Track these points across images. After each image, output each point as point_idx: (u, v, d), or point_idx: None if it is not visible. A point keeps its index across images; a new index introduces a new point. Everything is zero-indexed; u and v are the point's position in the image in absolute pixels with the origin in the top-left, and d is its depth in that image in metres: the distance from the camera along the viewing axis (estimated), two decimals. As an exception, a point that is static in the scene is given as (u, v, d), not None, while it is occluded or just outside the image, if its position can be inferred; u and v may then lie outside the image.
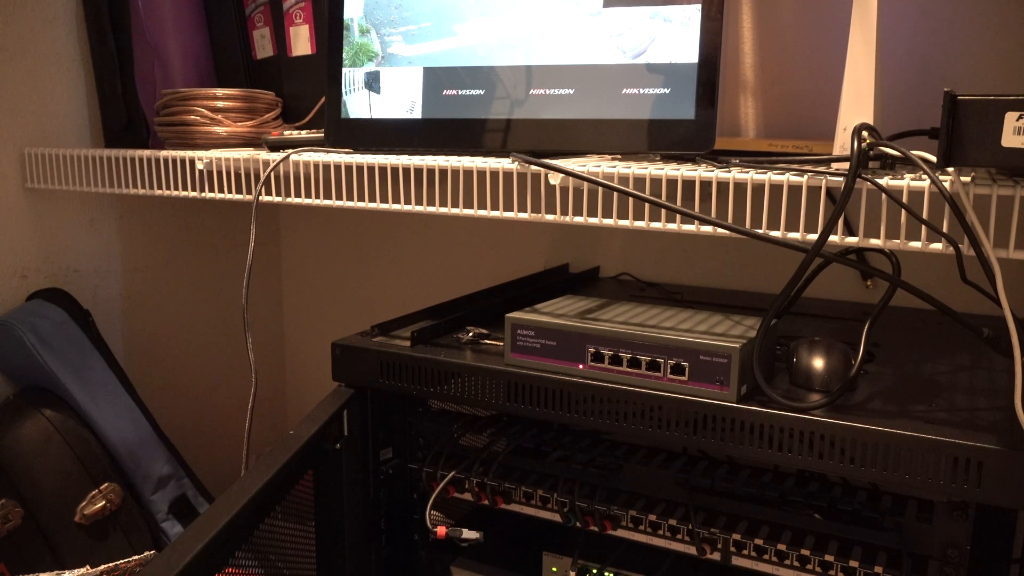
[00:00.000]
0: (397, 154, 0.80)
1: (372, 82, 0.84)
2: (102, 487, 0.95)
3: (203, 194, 0.89)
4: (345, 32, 0.85)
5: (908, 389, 0.68)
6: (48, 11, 1.03)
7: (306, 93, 1.00)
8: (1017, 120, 0.48)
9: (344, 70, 0.85)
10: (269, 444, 1.38)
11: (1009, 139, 0.49)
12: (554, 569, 0.80)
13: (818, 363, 0.67)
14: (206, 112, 0.93)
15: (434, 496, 0.79)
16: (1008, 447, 0.55)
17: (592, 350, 0.69)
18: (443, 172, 0.75)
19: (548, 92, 0.76)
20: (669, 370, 0.67)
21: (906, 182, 0.58)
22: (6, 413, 0.94)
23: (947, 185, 0.55)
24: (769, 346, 0.70)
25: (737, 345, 0.64)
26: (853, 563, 0.64)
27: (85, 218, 1.10)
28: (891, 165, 0.65)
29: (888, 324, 0.88)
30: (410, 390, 0.77)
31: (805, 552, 0.66)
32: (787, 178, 0.62)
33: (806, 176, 0.61)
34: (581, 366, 0.70)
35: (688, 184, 0.66)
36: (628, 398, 0.67)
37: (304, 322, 1.41)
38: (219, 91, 0.95)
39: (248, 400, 0.85)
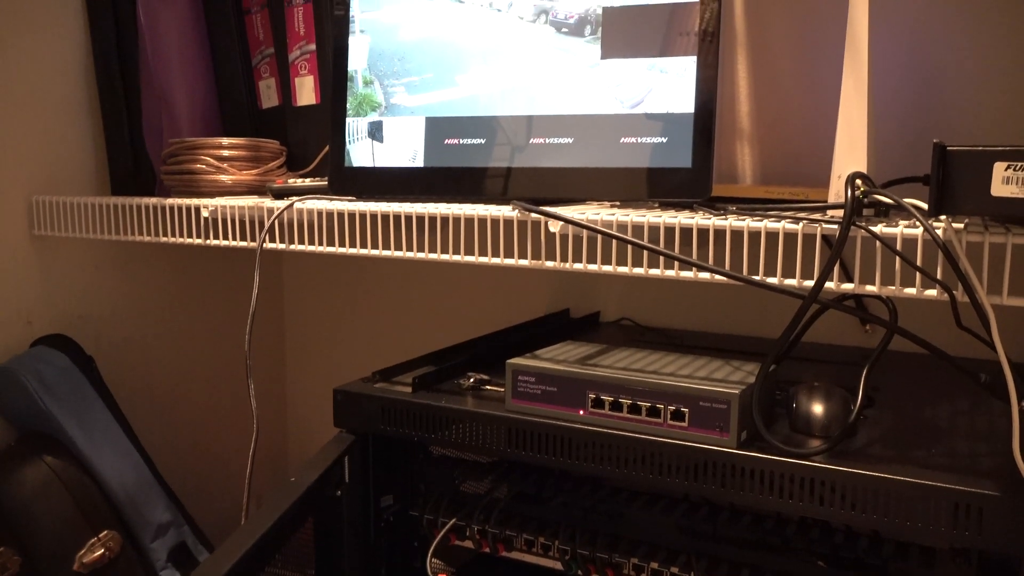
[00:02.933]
0: (400, 202, 0.81)
1: (375, 131, 0.85)
2: (101, 535, 0.94)
3: (208, 241, 0.90)
4: (349, 83, 0.87)
5: (908, 434, 0.68)
6: (60, 62, 1.05)
7: (310, 141, 1.02)
8: (1006, 170, 0.49)
9: (348, 120, 0.87)
10: (270, 491, 1.37)
11: (998, 188, 0.50)
12: (556, 618, 0.79)
13: (817, 408, 0.67)
14: (212, 161, 0.95)
15: (435, 544, 0.78)
16: (1008, 493, 0.55)
17: (592, 396, 0.70)
18: (445, 219, 0.76)
19: (548, 141, 0.78)
20: (669, 416, 0.67)
21: (900, 229, 0.58)
22: (7, 459, 0.94)
23: (940, 233, 0.56)
24: (768, 392, 0.71)
25: (736, 391, 0.64)
26: (857, 611, 0.64)
27: (90, 264, 1.11)
28: (885, 212, 0.66)
29: (887, 369, 0.88)
30: (411, 436, 0.77)
31: (808, 600, 0.65)
32: (783, 226, 0.63)
33: (801, 224, 0.62)
34: (582, 412, 0.70)
35: (686, 231, 0.66)
36: (628, 444, 0.68)
37: (306, 368, 1.41)
38: (225, 140, 0.96)
39: (249, 446, 0.85)
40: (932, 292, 0.58)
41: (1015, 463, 0.55)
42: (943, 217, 0.57)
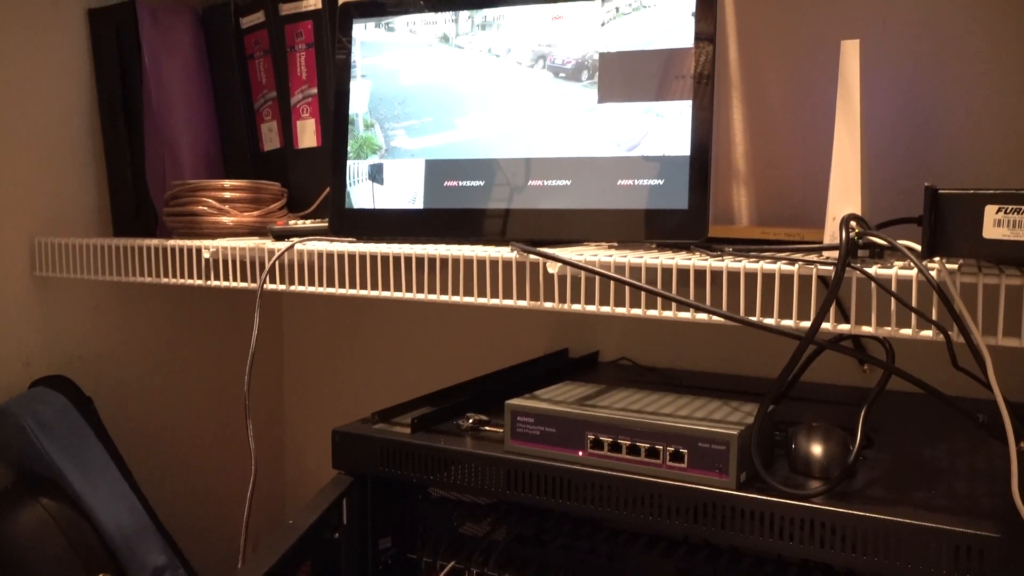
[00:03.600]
0: (399, 243, 0.82)
1: (375, 174, 0.86)
2: (96, 578, 0.93)
3: (209, 282, 0.91)
4: (350, 126, 0.88)
5: (907, 475, 0.68)
6: (65, 106, 1.07)
7: (311, 184, 1.03)
8: (996, 213, 0.50)
9: (348, 162, 0.88)
10: (267, 533, 1.36)
11: (990, 231, 0.51)
12: (556, 663, 0.78)
13: (817, 449, 0.67)
14: (213, 203, 0.96)
15: (433, 586, 0.78)
16: (1008, 535, 0.55)
17: (591, 437, 0.70)
18: (444, 261, 0.77)
19: (546, 183, 0.79)
20: (668, 457, 0.67)
21: (894, 271, 0.59)
22: (3, 501, 0.93)
23: (934, 274, 0.56)
24: (767, 432, 0.71)
25: (735, 432, 0.64)
26: (860, 656, 0.63)
27: (90, 305, 1.11)
28: (880, 253, 0.66)
29: (885, 408, 0.88)
30: (410, 477, 0.77)
31: (810, 644, 0.65)
32: (779, 267, 0.63)
33: (797, 265, 0.63)
34: (581, 453, 0.70)
35: (683, 272, 0.67)
36: (628, 486, 0.67)
37: (304, 408, 1.41)
38: (227, 182, 0.97)
39: (247, 488, 0.85)
40: (928, 333, 0.58)
41: (1015, 504, 0.55)
42: (937, 258, 0.58)
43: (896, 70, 0.95)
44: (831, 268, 0.61)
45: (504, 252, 0.74)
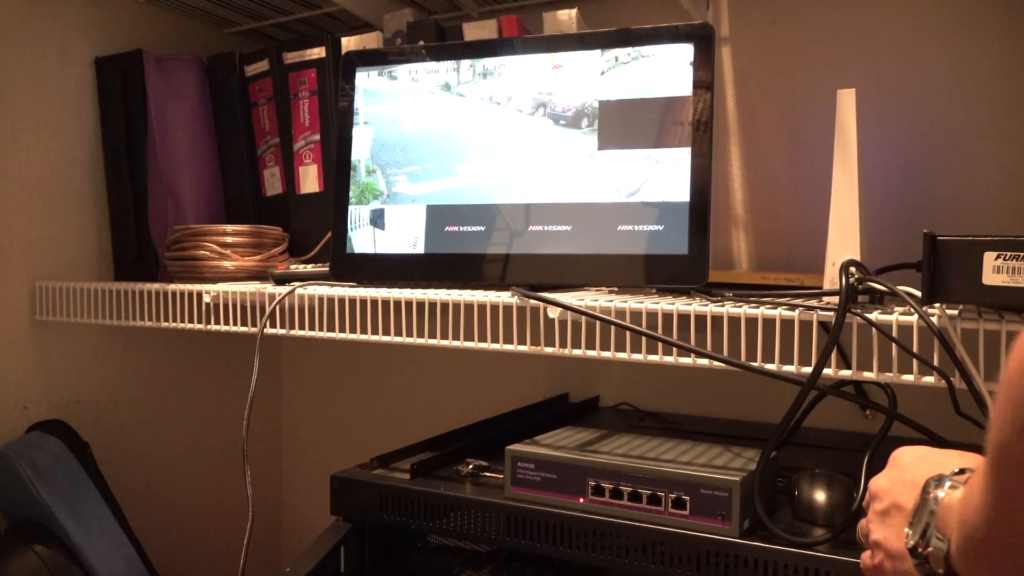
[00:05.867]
0: (400, 287, 0.82)
1: (377, 219, 0.87)
2: (89, 628, 0.92)
3: (209, 326, 0.91)
4: (352, 172, 0.89)
5: (912, 523, 0.67)
6: (70, 153, 1.08)
7: (313, 229, 1.04)
8: (996, 259, 0.50)
9: (350, 207, 0.88)
10: (263, 580, 1.34)
11: (989, 277, 0.51)
12: None
13: (820, 496, 0.67)
14: (215, 247, 0.96)
15: (432, 637, 0.76)
16: (1016, 584, 0.54)
17: (593, 483, 0.69)
18: (444, 305, 0.77)
19: (546, 228, 0.79)
20: (670, 504, 0.66)
21: (895, 317, 0.59)
22: (-4, 549, 0.92)
23: (935, 320, 0.56)
24: (770, 478, 0.70)
25: (738, 478, 0.64)
26: None
27: (90, 349, 1.11)
28: (880, 299, 0.66)
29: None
30: (409, 524, 0.76)
31: None
32: (779, 313, 0.63)
33: (797, 311, 0.63)
34: (582, 500, 0.70)
35: (684, 317, 0.67)
36: (629, 533, 0.67)
37: (302, 454, 1.40)
38: (228, 227, 0.98)
39: (243, 535, 0.84)
40: (930, 379, 0.58)
41: (1022, 553, 0.54)
42: (937, 304, 0.58)
43: (892, 117, 0.96)
44: (831, 314, 0.61)
45: (504, 297, 0.74)
